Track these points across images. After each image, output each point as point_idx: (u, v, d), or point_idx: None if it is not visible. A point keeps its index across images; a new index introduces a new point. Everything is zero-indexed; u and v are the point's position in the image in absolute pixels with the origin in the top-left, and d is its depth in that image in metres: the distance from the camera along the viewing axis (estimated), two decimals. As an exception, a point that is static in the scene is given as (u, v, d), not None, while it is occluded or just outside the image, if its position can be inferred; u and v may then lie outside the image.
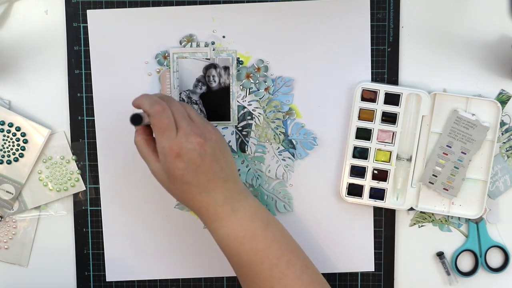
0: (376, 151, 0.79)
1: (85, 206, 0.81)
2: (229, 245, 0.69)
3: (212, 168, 0.67)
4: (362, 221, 0.81)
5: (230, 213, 0.68)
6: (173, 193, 0.70)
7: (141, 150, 0.70)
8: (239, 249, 0.68)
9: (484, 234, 0.81)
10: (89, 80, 0.79)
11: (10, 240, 0.81)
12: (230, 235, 0.68)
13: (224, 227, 0.68)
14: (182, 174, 0.66)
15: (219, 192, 0.68)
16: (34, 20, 0.79)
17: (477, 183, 0.79)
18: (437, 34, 0.79)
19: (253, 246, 0.68)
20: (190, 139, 0.66)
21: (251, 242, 0.68)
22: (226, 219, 0.68)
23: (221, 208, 0.68)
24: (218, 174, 0.68)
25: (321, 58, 0.79)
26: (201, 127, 0.68)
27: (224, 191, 0.68)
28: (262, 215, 0.70)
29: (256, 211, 0.70)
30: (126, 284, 0.82)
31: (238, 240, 0.68)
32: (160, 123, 0.66)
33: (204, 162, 0.66)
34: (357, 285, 0.82)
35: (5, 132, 0.79)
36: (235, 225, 0.68)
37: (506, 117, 0.80)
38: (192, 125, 0.67)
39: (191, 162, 0.66)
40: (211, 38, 0.79)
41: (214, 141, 0.68)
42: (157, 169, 0.68)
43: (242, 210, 0.69)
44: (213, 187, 0.68)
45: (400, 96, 0.78)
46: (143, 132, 0.70)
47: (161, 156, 0.67)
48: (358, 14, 0.79)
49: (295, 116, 0.80)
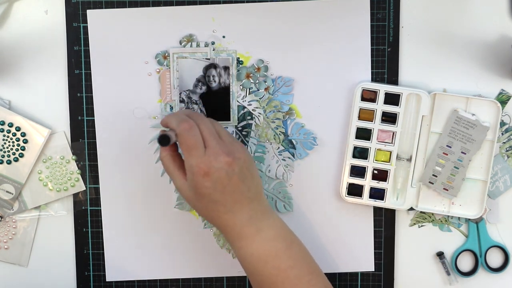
0: (376, 151, 0.79)
1: (85, 206, 0.81)
2: (252, 264, 0.69)
3: (239, 188, 0.67)
4: (362, 221, 0.81)
5: (254, 233, 0.68)
6: (199, 210, 0.69)
7: (167, 166, 0.69)
8: (261, 268, 0.68)
9: (484, 234, 0.81)
10: (89, 80, 0.79)
11: (10, 240, 0.81)
12: (254, 255, 0.68)
13: (248, 246, 0.68)
14: (209, 192, 0.66)
15: (245, 212, 0.68)
16: (34, 20, 0.79)
17: (477, 183, 0.79)
18: (437, 34, 0.79)
19: (275, 265, 0.68)
20: (219, 158, 0.66)
21: (274, 262, 0.68)
22: (251, 238, 0.68)
23: (246, 228, 0.68)
24: (245, 193, 0.68)
25: (321, 58, 0.79)
26: (230, 145, 0.68)
27: (249, 210, 0.68)
28: (286, 234, 0.70)
29: (280, 230, 0.70)
30: (126, 284, 0.82)
31: (261, 259, 0.68)
32: (188, 141, 0.66)
33: (231, 181, 0.66)
34: (357, 285, 0.82)
35: (5, 132, 0.79)
36: (259, 244, 0.68)
37: (506, 117, 0.80)
38: (220, 143, 0.67)
39: (218, 182, 0.66)
40: (211, 38, 0.79)
41: (243, 160, 0.67)
42: (184, 186, 0.68)
43: (266, 230, 0.69)
44: (239, 206, 0.67)
45: (400, 96, 0.78)
46: (169, 148, 0.70)
47: (188, 174, 0.67)
48: (358, 14, 0.79)
49: (295, 116, 0.80)
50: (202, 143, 0.66)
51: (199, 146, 0.66)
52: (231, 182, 0.66)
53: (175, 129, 0.66)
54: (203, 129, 0.67)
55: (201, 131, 0.67)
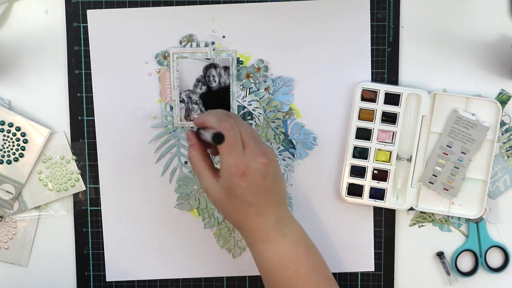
0: (376, 151, 0.79)
1: (85, 206, 0.81)
2: (273, 268, 0.69)
3: (271, 190, 0.67)
4: (362, 221, 0.81)
5: (280, 237, 0.68)
6: (227, 212, 0.69)
7: (196, 165, 0.69)
8: (282, 272, 0.68)
9: (484, 234, 0.81)
10: (89, 80, 0.79)
11: (10, 240, 0.81)
12: (276, 259, 0.68)
13: (271, 249, 0.68)
14: (244, 194, 0.66)
15: (273, 215, 0.68)
16: (34, 20, 0.79)
17: (477, 183, 0.79)
18: (437, 34, 0.79)
19: (296, 270, 0.68)
20: (257, 159, 0.66)
21: (295, 266, 0.68)
22: (276, 242, 0.68)
23: (273, 231, 0.68)
24: (275, 196, 0.68)
25: (321, 58, 0.79)
26: (264, 147, 0.68)
27: (277, 214, 0.68)
28: (306, 240, 0.71)
29: (301, 236, 0.70)
30: (126, 284, 0.82)
31: (283, 263, 0.68)
32: (229, 140, 0.65)
33: (265, 183, 0.66)
34: (357, 285, 0.82)
35: (5, 132, 0.79)
36: (282, 248, 0.68)
37: (506, 117, 0.80)
38: (257, 144, 0.67)
39: (254, 182, 0.66)
40: (211, 38, 0.79)
41: (275, 162, 0.68)
42: (214, 186, 0.67)
43: (290, 234, 0.69)
44: (269, 209, 0.68)
45: (400, 96, 0.78)
46: (199, 147, 0.69)
47: (225, 173, 0.66)
48: (358, 14, 0.79)
49: (295, 116, 0.80)
50: (241, 143, 0.66)
51: (238, 146, 0.66)
52: (265, 184, 0.66)
53: (216, 127, 0.66)
54: (242, 130, 0.67)
55: (240, 132, 0.67)
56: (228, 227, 0.81)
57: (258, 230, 0.68)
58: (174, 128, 0.80)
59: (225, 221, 0.81)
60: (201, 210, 0.81)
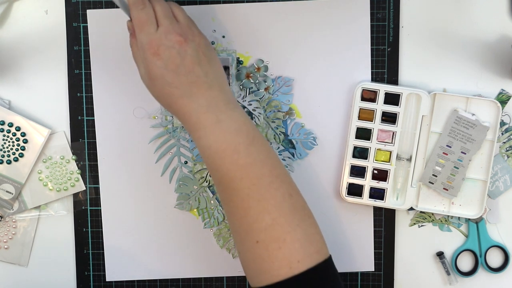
0: (376, 151, 0.79)
1: (85, 206, 0.81)
2: (210, 157, 0.65)
3: (194, 70, 0.65)
4: (362, 221, 0.81)
5: (213, 123, 0.65)
6: (156, 96, 0.67)
7: (133, 52, 0.68)
8: (219, 162, 0.65)
9: (484, 234, 0.81)
10: (89, 80, 0.79)
11: (10, 240, 0.81)
12: (212, 147, 0.65)
13: (207, 137, 0.65)
14: (162, 73, 0.64)
15: (202, 98, 0.65)
16: (34, 20, 0.79)
17: (477, 183, 0.79)
18: (437, 34, 0.79)
19: (233, 161, 0.64)
20: (169, 37, 0.64)
21: (232, 157, 0.64)
22: (209, 128, 0.65)
23: (204, 115, 0.65)
24: (202, 78, 0.65)
25: (321, 58, 0.79)
26: (185, 27, 0.66)
27: (208, 98, 0.65)
28: (248, 130, 0.66)
29: (242, 125, 0.66)
30: (126, 284, 0.82)
31: (219, 153, 0.64)
32: (139, 17, 0.65)
33: (184, 62, 0.64)
34: (357, 285, 0.82)
35: (5, 132, 0.79)
36: (218, 137, 0.65)
37: (506, 117, 0.80)
38: (174, 23, 0.66)
39: (170, 61, 0.64)
40: (211, 38, 0.79)
41: (197, 43, 0.66)
42: (143, 73, 0.67)
43: (226, 121, 0.65)
44: (195, 91, 0.65)
45: (400, 96, 0.78)
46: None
47: (140, 52, 0.66)
48: (358, 14, 0.79)
49: (295, 116, 0.80)
50: (154, 21, 0.65)
51: (150, 23, 0.65)
52: (184, 63, 0.64)
53: (129, 2, 0.65)
54: (157, 9, 0.66)
55: (155, 10, 0.66)
56: (228, 227, 0.81)
57: (188, 115, 0.65)
58: (174, 128, 0.80)
59: (225, 221, 0.81)
60: (201, 210, 0.81)
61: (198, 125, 0.65)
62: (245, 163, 0.64)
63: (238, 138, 0.65)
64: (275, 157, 0.67)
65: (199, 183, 0.80)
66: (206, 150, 0.65)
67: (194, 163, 0.80)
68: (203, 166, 0.80)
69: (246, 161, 0.64)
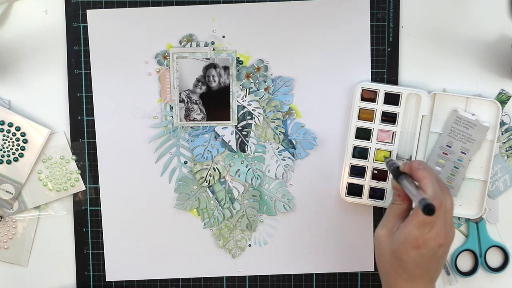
0: (376, 151, 0.79)
1: (85, 206, 0.81)
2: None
3: (431, 267, 0.67)
4: (362, 221, 0.81)
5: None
6: (382, 264, 0.69)
7: (390, 211, 0.69)
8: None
9: (484, 234, 0.81)
10: (89, 80, 0.79)
11: (10, 240, 0.81)
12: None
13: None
14: (407, 261, 0.66)
15: (421, 286, 0.67)
16: (34, 20, 0.79)
17: (477, 183, 0.79)
18: (437, 34, 0.79)
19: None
20: (437, 240, 0.65)
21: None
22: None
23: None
24: (432, 273, 0.68)
25: (321, 58, 0.79)
26: (449, 226, 0.67)
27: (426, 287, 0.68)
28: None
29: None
30: (126, 284, 0.82)
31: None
32: (429, 219, 0.64)
33: (431, 260, 0.66)
34: (357, 285, 0.82)
35: (5, 132, 0.79)
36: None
37: (506, 117, 0.80)
38: (446, 223, 0.66)
39: (422, 257, 0.66)
40: (211, 38, 0.79)
41: (449, 245, 0.67)
42: (385, 238, 0.67)
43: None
44: (421, 281, 0.67)
45: (400, 96, 0.78)
46: (405, 199, 0.68)
47: (400, 237, 0.66)
48: (358, 14, 0.79)
49: (295, 116, 0.80)
50: (433, 224, 0.65)
51: (431, 226, 0.65)
52: (430, 260, 0.66)
53: (428, 196, 0.64)
54: (447, 206, 0.66)
55: (445, 208, 0.66)
56: (228, 227, 0.81)
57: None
58: (173, 128, 0.80)
59: (225, 221, 0.81)
60: (201, 210, 0.81)
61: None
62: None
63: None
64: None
65: (199, 183, 0.80)
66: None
67: (194, 163, 0.80)
68: (203, 166, 0.80)
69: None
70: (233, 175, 0.80)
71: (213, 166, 0.80)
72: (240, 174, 0.80)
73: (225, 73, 0.79)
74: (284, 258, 0.82)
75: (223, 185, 0.81)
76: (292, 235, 0.81)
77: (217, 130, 0.80)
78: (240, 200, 0.81)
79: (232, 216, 0.81)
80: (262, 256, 0.82)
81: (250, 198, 0.81)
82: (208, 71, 0.79)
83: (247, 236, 0.82)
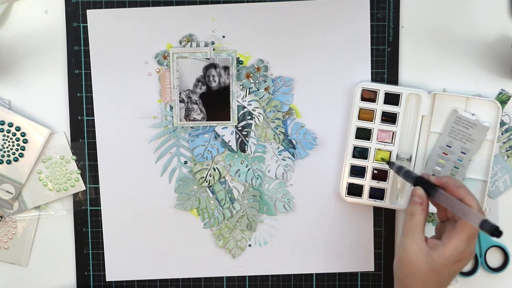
0: (376, 151, 0.79)
1: (85, 206, 0.81)
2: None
3: (449, 281, 0.68)
4: (362, 221, 0.81)
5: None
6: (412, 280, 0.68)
7: (414, 224, 0.69)
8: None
9: (484, 234, 0.81)
10: (89, 80, 0.79)
11: (10, 240, 0.81)
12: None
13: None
14: (444, 274, 0.66)
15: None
16: (34, 20, 0.79)
17: (477, 183, 0.79)
18: (437, 34, 0.79)
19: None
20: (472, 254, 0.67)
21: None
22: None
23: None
24: (446, 283, 0.68)
25: (321, 58, 0.79)
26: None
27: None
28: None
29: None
30: (126, 284, 0.82)
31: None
32: (474, 231, 0.66)
33: (454, 274, 0.68)
34: (357, 285, 0.82)
35: (5, 132, 0.79)
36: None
37: (506, 117, 0.80)
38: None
39: (458, 271, 0.67)
40: (211, 38, 0.79)
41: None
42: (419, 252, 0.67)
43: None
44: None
45: (400, 96, 0.78)
46: (426, 208, 0.69)
47: (446, 251, 0.66)
48: (358, 14, 0.79)
49: (295, 116, 0.80)
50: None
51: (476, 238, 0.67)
52: (453, 275, 0.68)
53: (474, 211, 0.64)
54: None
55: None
56: (228, 227, 0.81)
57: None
58: (173, 128, 0.80)
59: (225, 221, 0.81)
60: (201, 210, 0.81)
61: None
62: None
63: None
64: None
65: (199, 183, 0.80)
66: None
67: (194, 163, 0.80)
68: (203, 166, 0.80)
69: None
70: (233, 175, 0.80)
71: (213, 166, 0.80)
72: (240, 174, 0.80)
73: (225, 73, 0.79)
74: (284, 258, 0.82)
75: (223, 185, 0.81)
76: (292, 235, 0.81)
77: (217, 130, 0.80)
78: (240, 200, 0.81)
79: (232, 216, 0.81)
80: (262, 256, 0.82)
81: (250, 198, 0.81)
82: (208, 71, 0.79)
83: (247, 236, 0.82)
